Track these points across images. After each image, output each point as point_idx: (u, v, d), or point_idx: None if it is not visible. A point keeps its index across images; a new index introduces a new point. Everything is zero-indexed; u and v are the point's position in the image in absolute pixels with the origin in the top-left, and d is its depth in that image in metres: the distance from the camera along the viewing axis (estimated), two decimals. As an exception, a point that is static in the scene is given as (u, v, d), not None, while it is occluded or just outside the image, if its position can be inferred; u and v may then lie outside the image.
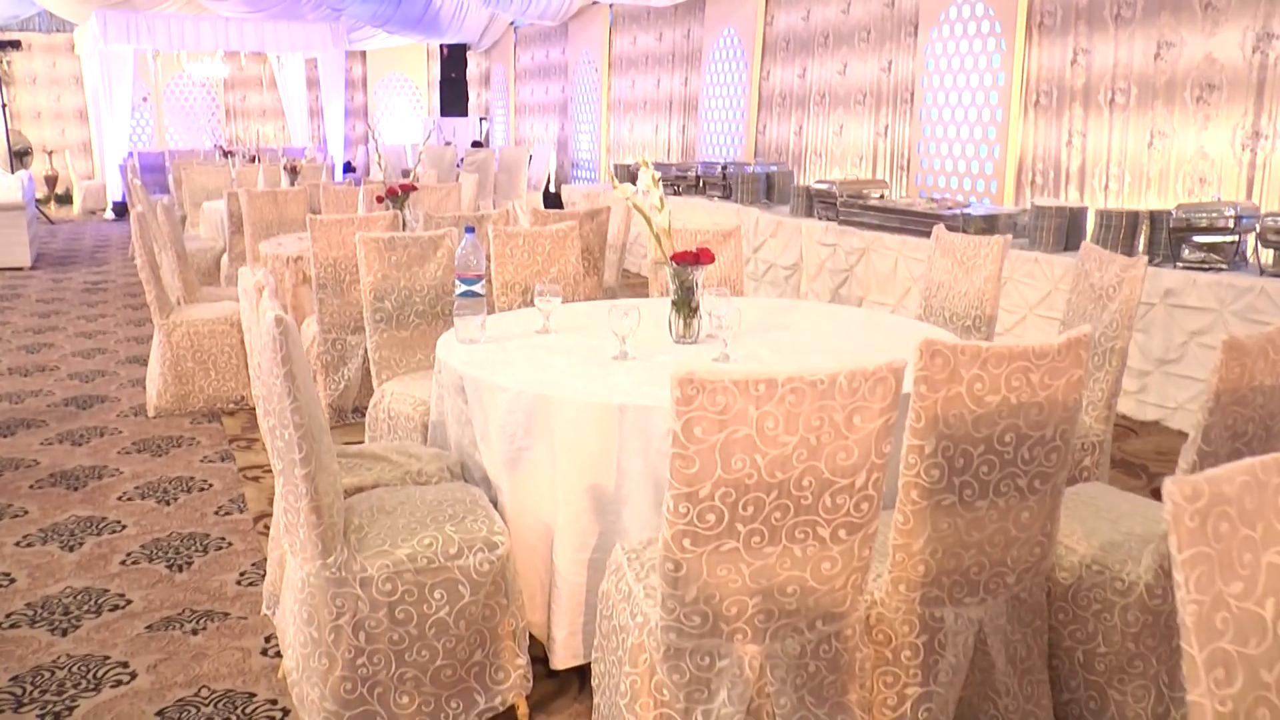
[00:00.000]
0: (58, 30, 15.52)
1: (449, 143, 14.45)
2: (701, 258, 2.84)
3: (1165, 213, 4.83)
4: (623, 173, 9.53)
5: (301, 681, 2.19)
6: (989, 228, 5.53)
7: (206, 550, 3.32)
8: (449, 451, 2.77)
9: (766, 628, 1.83)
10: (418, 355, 3.64)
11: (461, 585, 2.20)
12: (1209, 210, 4.59)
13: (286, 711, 2.41)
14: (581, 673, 2.53)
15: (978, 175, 6.72)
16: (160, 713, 2.41)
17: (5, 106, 14.73)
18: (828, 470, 1.72)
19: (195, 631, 2.78)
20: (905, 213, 6.08)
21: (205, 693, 2.49)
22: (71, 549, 3.32)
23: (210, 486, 3.89)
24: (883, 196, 6.72)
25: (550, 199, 12.55)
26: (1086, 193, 5.94)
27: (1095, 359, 2.93)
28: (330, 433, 2.29)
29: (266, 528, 3.48)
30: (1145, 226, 4.96)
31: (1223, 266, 4.53)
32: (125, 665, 2.61)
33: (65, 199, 15.56)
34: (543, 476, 2.41)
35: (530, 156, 12.20)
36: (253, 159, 11.57)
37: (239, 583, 3.08)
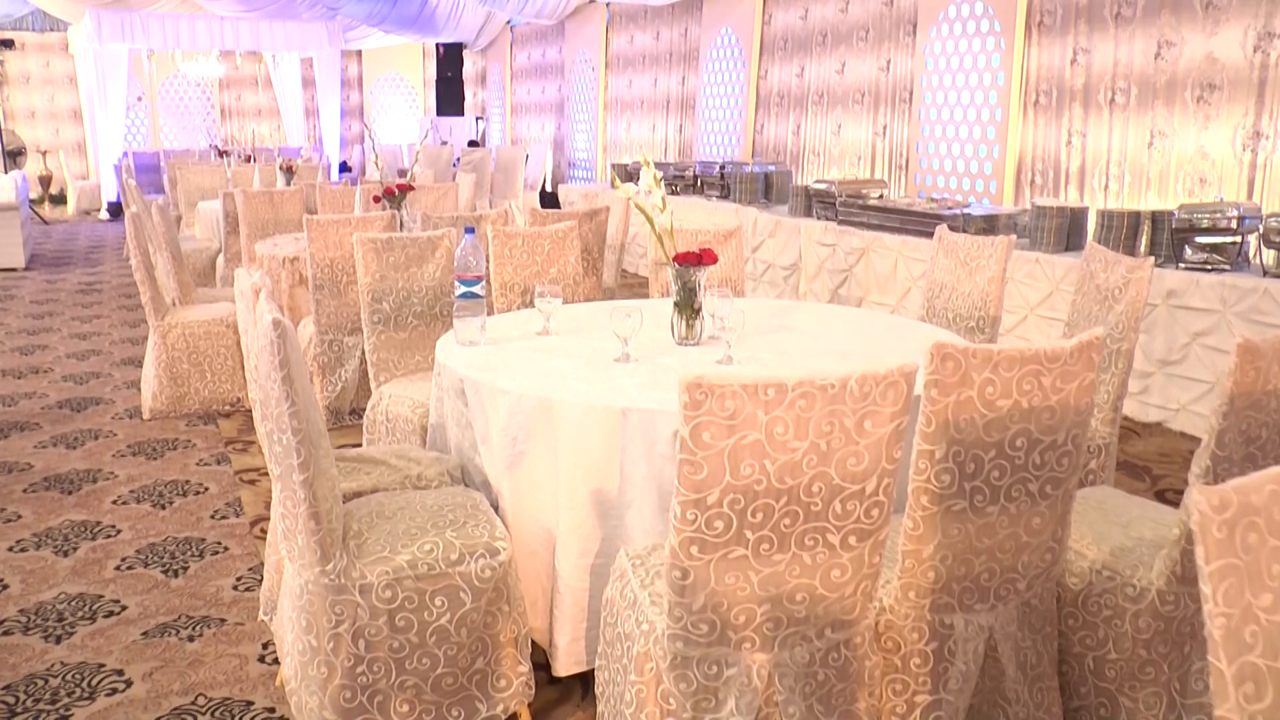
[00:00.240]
0: (51, 29, 15.45)
1: (445, 142, 14.40)
2: (704, 258, 2.81)
3: (1167, 213, 4.81)
4: (621, 172, 9.49)
5: (300, 690, 2.16)
6: (989, 228, 5.51)
7: (202, 555, 3.28)
8: (449, 455, 2.74)
9: (775, 636, 1.79)
10: (416, 357, 3.61)
11: (463, 592, 2.17)
12: (1212, 211, 4.57)
13: (284, 720, 2.38)
14: (584, 679, 2.49)
15: (977, 175, 6.70)
16: (156, 721, 2.38)
17: (-1, 106, 14.70)
18: (838, 476, 1.69)
19: (191, 638, 2.74)
20: (905, 213, 6.05)
21: (202, 701, 2.46)
22: (65, 554, 3.28)
23: (206, 490, 3.85)
24: (882, 196, 6.69)
25: (547, 199, 12.51)
26: (1086, 193, 5.92)
27: (1101, 361, 2.90)
28: (328, 436, 2.25)
29: (263, 532, 3.44)
30: (1147, 227, 4.94)
31: (1225, 267, 4.51)
32: (120, 673, 2.57)
33: (59, 199, 15.50)
34: (545, 481, 2.38)
35: (527, 156, 12.16)
36: (248, 159, 11.52)
37: (235, 588, 3.04)
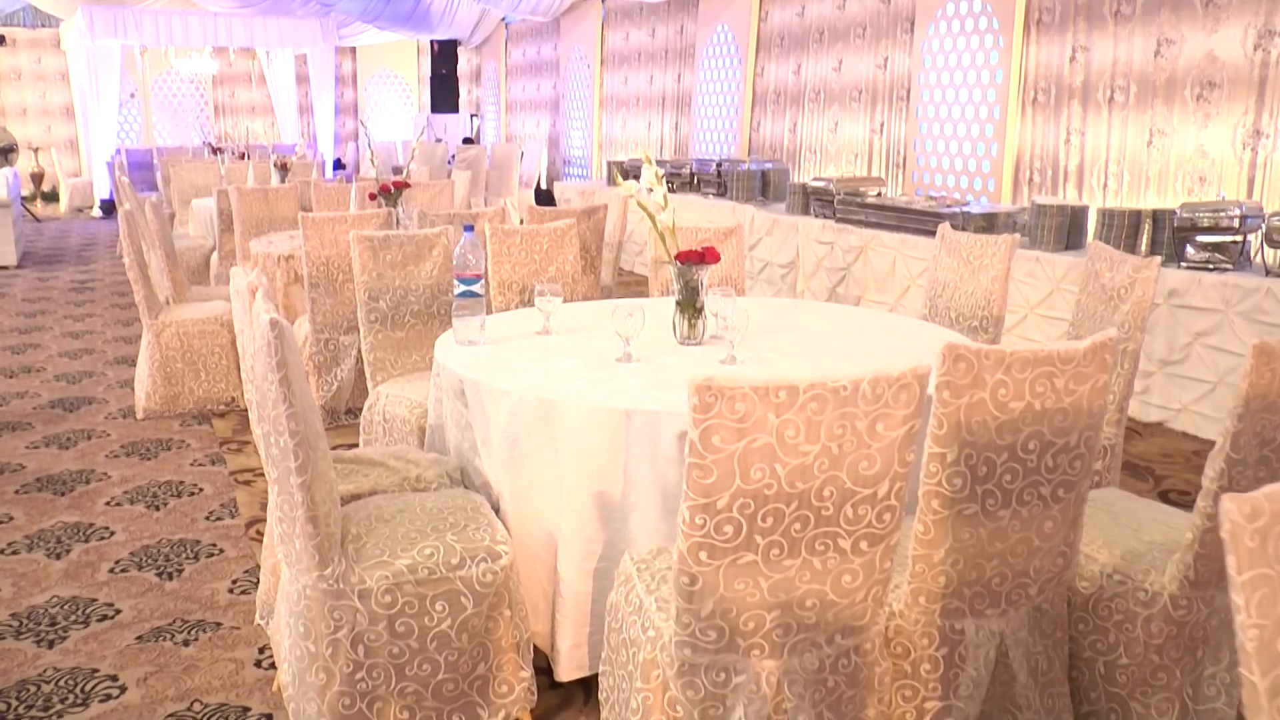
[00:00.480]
0: (43, 25, 15.35)
1: (440, 139, 14.34)
2: (707, 257, 2.77)
3: (1168, 212, 4.78)
4: (618, 170, 9.44)
5: (298, 696, 2.12)
6: (988, 226, 5.48)
7: (197, 557, 3.23)
8: (448, 457, 2.70)
9: (784, 642, 1.76)
10: (413, 356, 3.56)
11: (464, 597, 2.13)
12: (1214, 209, 4.54)
13: (282, 726, 2.34)
14: (586, 684, 2.46)
15: (974, 173, 6.67)
16: (151, 728, 2.34)
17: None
18: (849, 480, 1.65)
19: (187, 643, 2.70)
20: (904, 211, 6.02)
21: (197, 707, 2.42)
22: (58, 556, 3.24)
23: (201, 491, 3.80)
24: (880, 194, 6.66)
25: (542, 196, 12.46)
26: (1085, 191, 5.89)
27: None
28: (325, 437, 2.21)
29: (259, 534, 3.40)
30: (1148, 225, 4.91)
31: (1228, 266, 4.48)
32: (114, 679, 2.53)
33: (51, 196, 15.40)
34: (546, 483, 2.34)
35: (522, 153, 12.11)
36: (242, 156, 11.45)
37: (231, 591, 3.00)
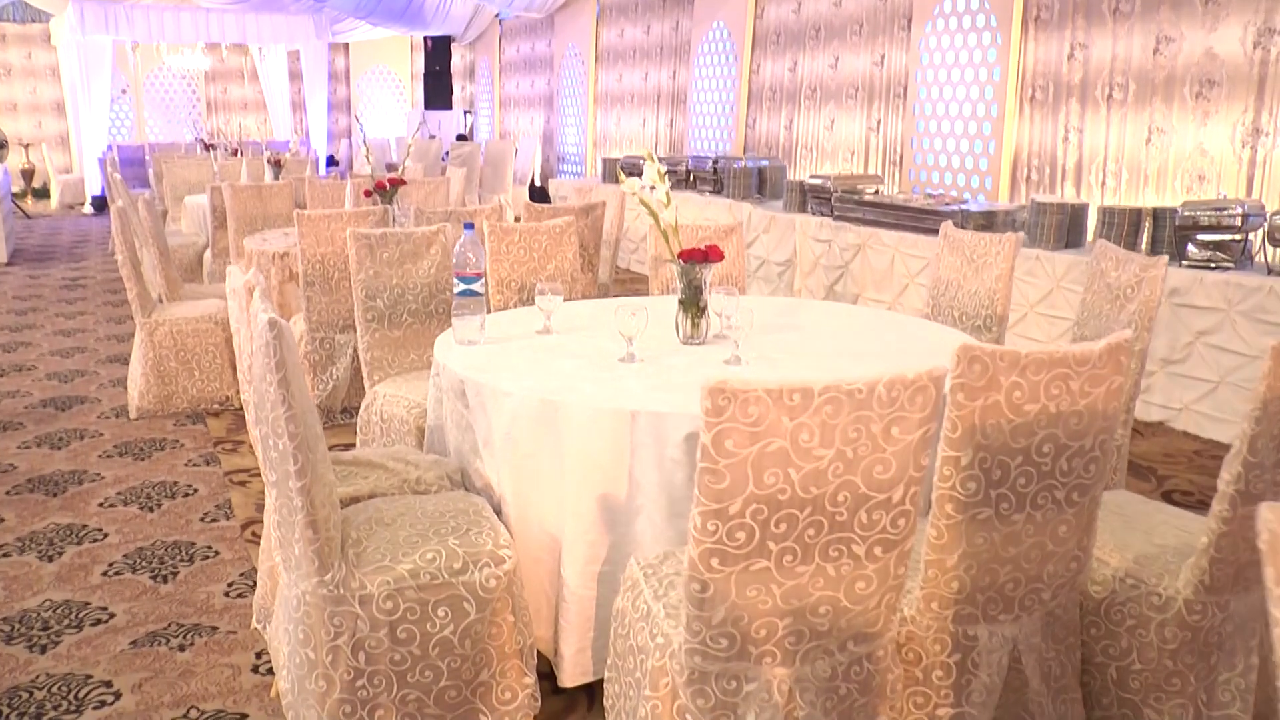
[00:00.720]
0: (33, 20, 15.22)
1: (433, 136, 14.27)
2: (711, 255, 2.74)
3: (1169, 210, 4.76)
4: (612, 167, 9.40)
5: (297, 704, 2.08)
6: (988, 224, 5.45)
7: (192, 560, 3.19)
8: (448, 458, 2.66)
9: (797, 650, 1.72)
10: (411, 355, 3.52)
11: (466, 602, 2.09)
12: (1216, 208, 4.52)
13: (280, 733, 2.30)
14: (589, 690, 2.42)
15: (972, 171, 6.64)
16: (146, 735, 2.30)
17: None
18: (864, 485, 1.62)
19: (182, 647, 2.66)
20: (902, 208, 5.99)
21: (194, 713, 2.37)
22: (50, 559, 3.19)
23: (195, 492, 3.75)
24: (878, 192, 6.63)
25: (536, 193, 12.41)
26: (1083, 189, 5.87)
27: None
28: (324, 439, 2.17)
29: (255, 535, 3.35)
30: (1148, 224, 4.89)
31: (1229, 265, 4.46)
32: (109, 685, 2.48)
33: (42, 193, 15.29)
34: (550, 485, 2.30)
35: (516, 150, 12.05)
36: (235, 152, 11.36)
37: (227, 594, 2.96)
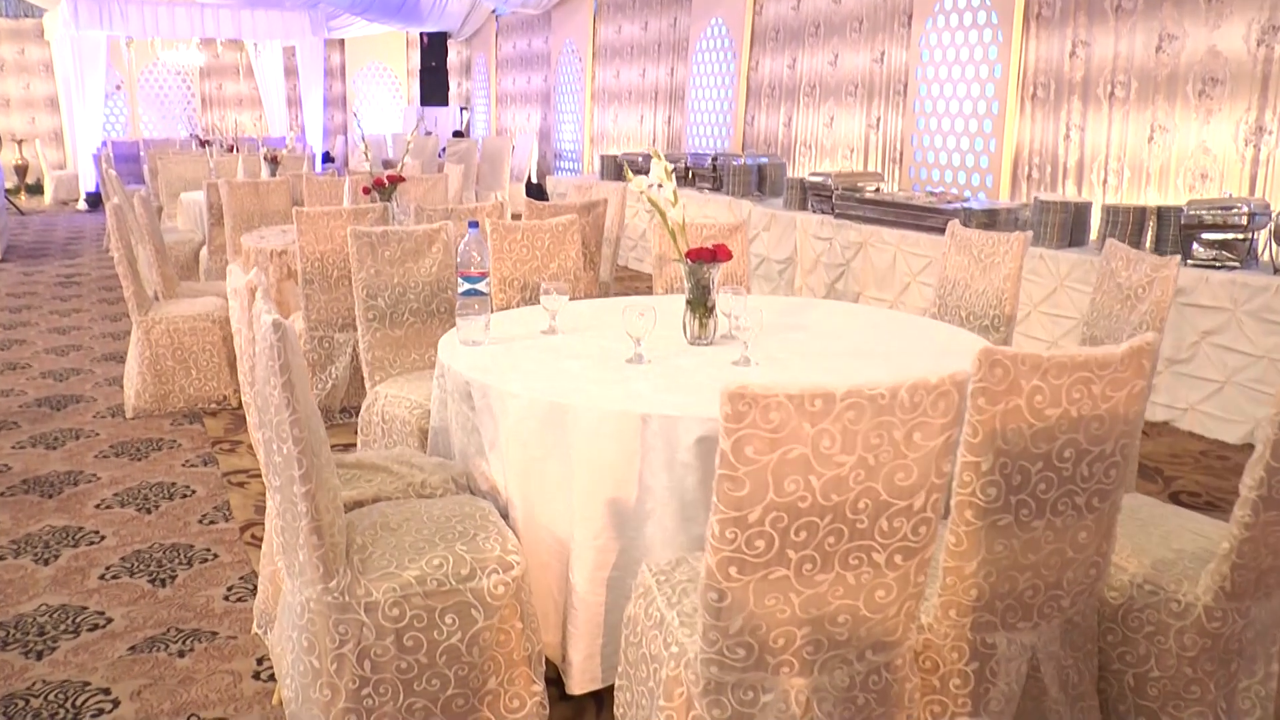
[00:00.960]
0: (26, 15, 15.11)
1: (430, 132, 14.21)
2: (719, 254, 2.70)
3: (1174, 209, 4.73)
4: (612, 164, 9.35)
5: (300, 713, 2.04)
6: (990, 222, 5.42)
7: (191, 563, 3.14)
8: (453, 461, 2.62)
9: (815, 659, 1.69)
10: (412, 355, 3.48)
11: (474, 609, 2.05)
12: (1222, 207, 4.49)
13: (283, 742, 2.26)
14: (598, 697, 2.38)
15: (973, 169, 6.61)
16: (146, 744, 2.26)
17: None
18: (885, 492, 1.58)
19: (182, 653, 2.61)
20: (904, 206, 5.95)
21: (194, 721, 2.34)
22: (46, 562, 3.14)
23: (193, 493, 3.71)
24: (878, 189, 6.59)
25: (532, 190, 12.36)
26: (1085, 187, 5.84)
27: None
28: (328, 443, 2.13)
29: (254, 538, 3.31)
30: (1152, 222, 4.86)
31: (1235, 264, 4.43)
32: (107, 692, 2.44)
33: (36, 189, 15.20)
34: (558, 489, 2.26)
35: (513, 147, 12.00)
36: (230, 149, 11.30)
37: (227, 598, 2.91)
